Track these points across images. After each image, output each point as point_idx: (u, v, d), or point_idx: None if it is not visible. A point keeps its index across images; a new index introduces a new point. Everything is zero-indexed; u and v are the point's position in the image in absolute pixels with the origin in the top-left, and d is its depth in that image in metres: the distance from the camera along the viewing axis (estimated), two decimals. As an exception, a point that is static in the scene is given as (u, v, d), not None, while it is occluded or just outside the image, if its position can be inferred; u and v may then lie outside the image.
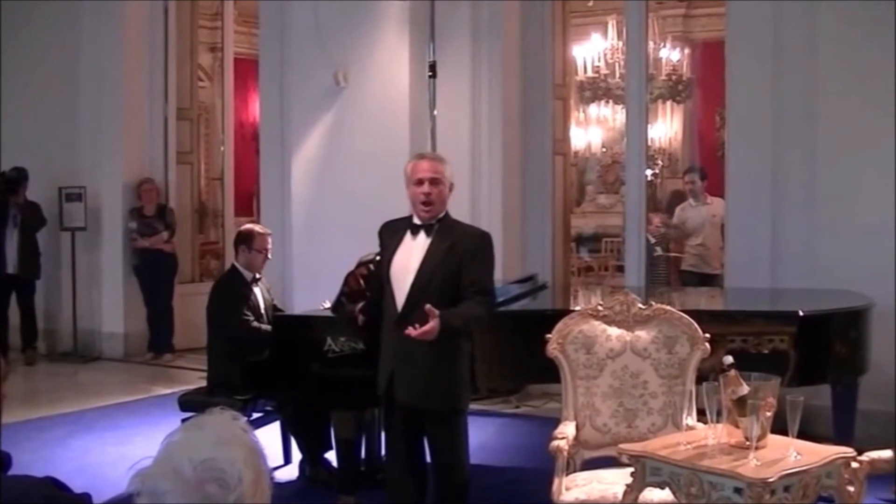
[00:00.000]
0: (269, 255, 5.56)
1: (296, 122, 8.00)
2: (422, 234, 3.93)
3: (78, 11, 9.28)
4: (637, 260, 7.30)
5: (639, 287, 6.56)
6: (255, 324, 5.25)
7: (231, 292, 5.34)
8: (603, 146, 13.59)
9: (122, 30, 9.16)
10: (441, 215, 3.96)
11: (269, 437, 5.38)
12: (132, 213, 9.02)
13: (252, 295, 5.40)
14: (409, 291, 3.86)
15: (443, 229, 3.94)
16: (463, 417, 4.00)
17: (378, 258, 4.20)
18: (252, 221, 6.73)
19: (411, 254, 3.92)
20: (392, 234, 4.03)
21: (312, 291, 6.13)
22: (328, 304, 4.93)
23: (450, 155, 4.64)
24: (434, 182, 3.90)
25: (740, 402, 3.22)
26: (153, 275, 8.94)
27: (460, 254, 3.86)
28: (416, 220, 3.96)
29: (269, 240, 5.52)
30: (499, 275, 4.70)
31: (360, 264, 4.75)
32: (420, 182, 3.90)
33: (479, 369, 4.23)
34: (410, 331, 3.64)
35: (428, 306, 3.66)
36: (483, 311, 3.90)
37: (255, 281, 5.46)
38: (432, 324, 3.63)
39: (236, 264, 5.49)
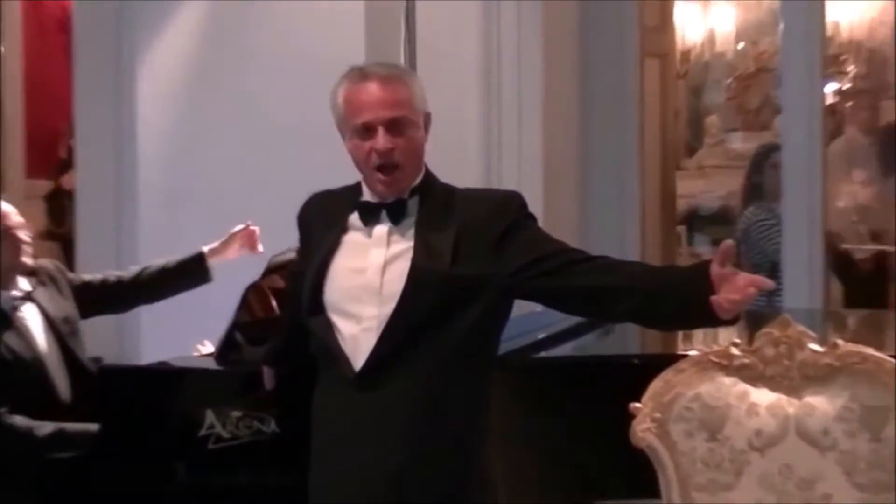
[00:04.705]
0: (26, 243, 4.84)
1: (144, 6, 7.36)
2: (385, 222, 3.44)
3: None
4: (806, 260, 6.78)
5: (810, 310, 6.21)
6: (11, 420, 4.59)
7: None
8: (738, 39, 12.89)
9: None
10: (417, 182, 3.45)
11: None
12: None
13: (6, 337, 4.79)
14: (383, 331, 3.34)
15: (430, 207, 3.45)
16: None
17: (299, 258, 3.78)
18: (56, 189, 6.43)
19: (368, 257, 3.42)
20: (326, 219, 3.56)
21: (177, 322, 5.61)
22: (208, 349, 4.73)
23: (441, 66, 4.46)
24: (395, 125, 3.36)
25: None
26: None
27: (475, 243, 3.35)
28: (369, 197, 3.45)
29: (13, 219, 4.86)
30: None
31: (271, 270, 4.62)
32: (368, 128, 3.36)
33: (497, 472, 3.80)
34: (719, 300, 3.11)
35: (728, 242, 3.23)
36: None
37: (26, 297, 4.76)
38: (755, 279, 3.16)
39: None
